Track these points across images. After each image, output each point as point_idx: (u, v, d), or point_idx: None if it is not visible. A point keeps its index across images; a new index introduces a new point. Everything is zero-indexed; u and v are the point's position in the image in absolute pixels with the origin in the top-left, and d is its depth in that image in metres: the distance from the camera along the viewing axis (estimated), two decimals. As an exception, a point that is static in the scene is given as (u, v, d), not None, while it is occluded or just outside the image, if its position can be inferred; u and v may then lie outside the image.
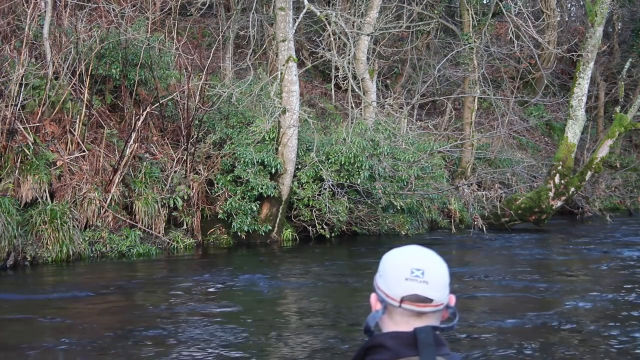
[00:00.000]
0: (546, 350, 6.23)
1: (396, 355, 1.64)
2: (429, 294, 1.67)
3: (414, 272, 1.68)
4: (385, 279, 1.72)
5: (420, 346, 1.63)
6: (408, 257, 1.72)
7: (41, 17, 12.06)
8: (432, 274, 1.69)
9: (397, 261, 1.72)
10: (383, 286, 1.72)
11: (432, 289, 1.67)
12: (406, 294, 1.67)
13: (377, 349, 1.67)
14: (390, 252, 1.77)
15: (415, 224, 14.47)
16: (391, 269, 1.72)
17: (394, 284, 1.69)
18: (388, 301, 1.70)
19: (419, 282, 1.67)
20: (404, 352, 1.64)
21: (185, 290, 8.90)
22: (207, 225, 12.53)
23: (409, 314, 1.68)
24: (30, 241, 10.21)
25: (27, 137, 10.79)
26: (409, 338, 1.65)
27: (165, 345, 6.35)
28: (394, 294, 1.69)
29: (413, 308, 1.67)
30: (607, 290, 9.11)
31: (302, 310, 8.08)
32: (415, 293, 1.66)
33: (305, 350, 6.28)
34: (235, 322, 7.21)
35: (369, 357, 1.68)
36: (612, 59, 24.05)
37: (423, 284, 1.67)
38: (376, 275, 1.77)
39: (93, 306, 8.17)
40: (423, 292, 1.67)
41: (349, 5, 16.85)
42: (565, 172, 15.25)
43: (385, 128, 13.96)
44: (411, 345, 1.64)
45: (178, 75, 13.51)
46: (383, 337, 1.68)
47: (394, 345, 1.65)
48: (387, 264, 1.74)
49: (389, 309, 1.71)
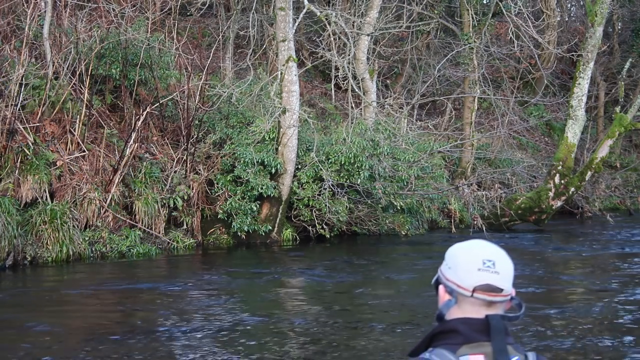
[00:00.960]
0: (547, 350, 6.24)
1: (468, 339, 1.70)
2: (500, 284, 1.73)
3: (486, 262, 1.74)
4: (455, 270, 1.77)
5: (493, 332, 1.70)
6: (478, 249, 1.78)
7: (41, 17, 12.06)
8: (502, 265, 1.75)
9: (468, 253, 1.78)
10: (453, 277, 1.77)
11: (502, 279, 1.74)
12: (479, 283, 1.73)
13: (449, 334, 1.73)
14: (457, 245, 1.83)
15: (415, 224, 14.47)
16: (462, 261, 1.77)
17: (466, 274, 1.75)
18: (459, 291, 1.76)
19: (490, 272, 1.73)
20: (475, 337, 1.70)
21: (185, 290, 8.90)
22: (207, 225, 12.53)
23: (479, 304, 1.74)
24: (30, 241, 10.21)
25: (27, 137, 10.79)
26: (480, 324, 1.72)
27: (165, 345, 6.35)
28: (466, 284, 1.74)
29: (485, 297, 1.73)
30: (609, 290, 9.11)
31: (302, 310, 8.08)
32: (488, 283, 1.73)
33: (305, 351, 6.28)
34: (236, 322, 7.21)
35: (440, 342, 1.73)
36: (612, 59, 24.05)
37: (495, 274, 1.73)
38: (443, 267, 1.83)
39: (93, 306, 8.17)
40: (495, 282, 1.73)
41: (349, 5, 16.85)
42: (565, 172, 15.25)
43: (385, 128, 13.96)
44: (482, 332, 1.71)
45: (178, 75, 13.51)
46: (454, 322, 1.74)
47: (465, 330, 1.71)
48: (458, 256, 1.80)
49: (459, 299, 1.77)
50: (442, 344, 1.72)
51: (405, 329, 6.99)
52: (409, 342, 6.52)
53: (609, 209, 18.92)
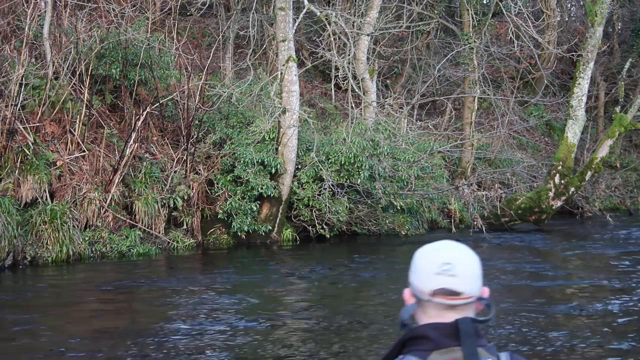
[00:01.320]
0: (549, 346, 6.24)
1: (438, 345, 1.68)
2: (458, 287, 1.71)
3: (443, 266, 1.73)
4: (417, 274, 1.78)
5: (462, 336, 1.68)
6: (438, 251, 1.77)
7: (41, 17, 12.06)
8: (461, 267, 1.73)
9: (428, 256, 1.77)
10: (415, 281, 1.78)
11: (461, 282, 1.72)
12: (436, 287, 1.72)
13: (419, 340, 1.71)
14: (421, 248, 1.83)
15: (415, 224, 14.47)
16: (422, 264, 1.77)
17: (425, 278, 1.74)
18: (420, 296, 1.75)
19: (447, 275, 1.72)
20: (445, 343, 1.68)
21: (185, 290, 8.89)
22: (207, 225, 12.53)
23: (441, 307, 1.73)
24: (30, 241, 10.21)
25: (27, 137, 10.79)
26: (449, 329, 1.70)
27: (165, 344, 6.35)
28: (425, 288, 1.74)
29: (443, 301, 1.72)
30: (608, 290, 9.11)
31: (302, 310, 8.08)
32: (444, 287, 1.71)
33: (305, 351, 6.28)
34: (235, 322, 7.21)
35: (410, 348, 1.72)
36: (612, 59, 24.06)
37: (452, 277, 1.72)
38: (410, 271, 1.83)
39: (93, 306, 8.17)
40: (452, 286, 1.71)
41: (349, 5, 16.85)
42: (565, 172, 15.25)
43: (385, 128, 13.96)
44: (452, 336, 1.69)
45: (178, 75, 13.51)
46: (424, 328, 1.72)
47: (435, 335, 1.70)
48: (418, 259, 1.80)
49: (422, 303, 1.76)
50: (412, 350, 1.71)
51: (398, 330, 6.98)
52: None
53: (609, 209, 18.92)
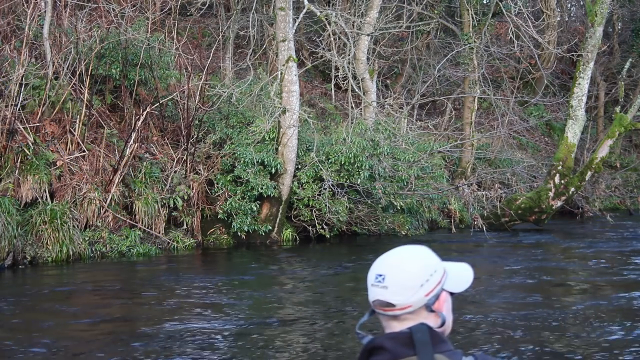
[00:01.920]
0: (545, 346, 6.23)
1: (395, 355, 1.64)
2: (390, 299, 1.68)
3: (377, 277, 1.71)
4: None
5: (418, 345, 1.63)
6: (376, 262, 1.76)
7: (41, 17, 12.06)
8: (393, 278, 1.69)
9: (372, 267, 1.76)
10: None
11: (391, 293, 1.68)
12: (372, 299, 1.72)
13: (377, 351, 1.67)
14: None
15: (415, 224, 14.47)
16: (367, 276, 1.76)
17: (368, 289, 1.74)
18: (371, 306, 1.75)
19: (380, 287, 1.70)
20: (402, 352, 1.64)
21: (185, 290, 8.89)
22: (207, 225, 12.53)
23: (385, 318, 1.72)
24: (30, 241, 10.21)
25: (27, 137, 10.79)
26: (406, 338, 1.65)
27: (165, 344, 6.35)
28: (369, 299, 1.74)
29: (381, 312, 1.71)
30: (608, 289, 9.11)
31: (302, 310, 8.07)
32: (378, 298, 1.70)
33: (304, 350, 6.28)
34: (235, 322, 7.21)
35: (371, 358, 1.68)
36: (612, 59, 24.06)
37: (383, 289, 1.69)
38: None
39: (93, 306, 8.16)
40: (383, 297, 1.69)
41: (349, 5, 16.85)
42: (565, 172, 15.25)
43: (385, 128, 13.96)
44: (408, 345, 1.65)
45: (178, 75, 13.51)
46: (382, 339, 1.68)
47: (392, 345, 1.65)
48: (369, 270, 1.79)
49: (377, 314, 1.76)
50: None
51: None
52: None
53: (609, 209, 18.93)
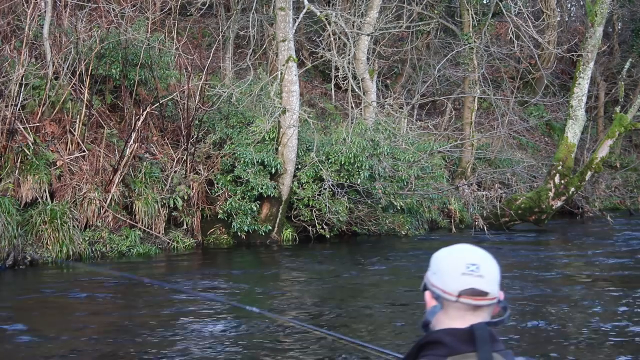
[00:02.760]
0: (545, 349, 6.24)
1: (453, 351, 1.69)
2: (485, 287, 1.73)
3: (470, 266, 1.74)
4: (440, 275, 1.77)
5: (478, 343, 1.68)
6: (462, 253, 1.78)
7: (41, 17, 12.05)
8: (487, 268, 1.75)
9: (452, 257, 1.77)
10: (438, 283, 1.77)
11: (487, 282, 1.73)
12: (463, 288, 1.72)
13: (434, 345, 1.71)
14: (442, 250, 1.82)
15: (415, 224, 14.47)
16: (446, 265, 1.77)
17: (451, 279, 1.74)
18: (444, 296, 1.75)
19: (474, 276, 1.73)
20: (461, 349, 1.69)
21: (184, 290, 8.89)
22: (207, 225, 12.53)
23: (465, 308, 1.74)
24: (30, 241, 10.21)
25: (27, 137, 10.79)
26: (465, 334, 1.70)
27: (166, 345, 6.35)
28: (451, 289, 1.74)
29: (470, 302, 1.72)
30: (607, 290, 9.11)
31: (302, 309, 8.08)
32: (472, 287, 1.72)
33: (304, 350, 6.28)
34: (235, 322, 7.22)
35: (425, 352, 1.72)
36: (612, 59, 24.04)
37: (479, 277, 1.73)
38: (428, 273, 1.82)
39: (92, 306, 8.17)
40: (479, 286, 1.72)
41: (349, 5, 16.85)
42: (565, 172, 15.25)
43: (385, 128, 13.96)
44: (468, 342, 1.69)
45: (178, 75, 13.51)
46: (439, 334, 1.72)
47: (450, 341, 1.69)
48: (442, 261, 1.79)
49: (445, 304, 1.76)
50: (427, 355, 1.71)
51: (405, 329, 6.99)
52: (408, 343, 6.53)
53: (609, 209, 18.93)
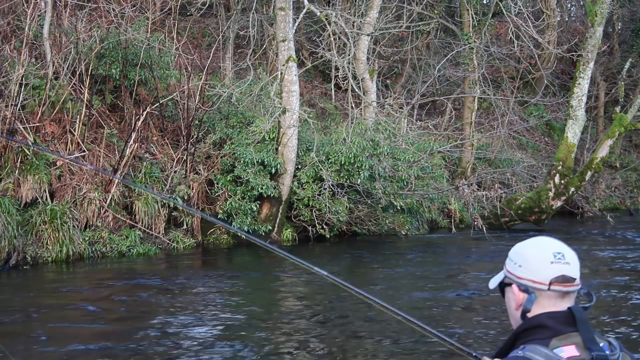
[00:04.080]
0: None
1: (557, 332, 1.76)
2: (573, 274, 1.81)
3: (557, 255, 1.81)
4: (527, 267, 1.84)
5: (579, 323, 1.76)
6: (546, 243, 1.85)
7: (41, 17, 12.05)
8: (571, 255, 1.83)
9: (537, 248, 1.85)
10: (526, 274, 1.83)
11: (574, 269, 1.82)
12: (554, 275, 1.79)
13: (535, 329, 1.78)
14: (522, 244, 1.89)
15: (415, 224, 14.47)
16: (533, 257, 1.83)
17: (540, 269, 1.81)
18: (535, 286, 1.82)
19: (562, 263, 1.80)
20: (563, 329, 1.76)
21: (185, 290, 8.90)
22: (207, 225, 12.53)
23: (555, 296, 1.80)
24: (30, 241, 10.20)
25: (27, 137, 10.79)
26: (564, 316, 1.78)
27: (166, 345, 6.35)
28: (541, 278, 1.81)
29: (561, 289, 1.80)
30: (607, 289, 9.11)
31: (302, 309, 8.08)
32: (563, 274, 1.79)
33: (304, 351, 6.28)
34: (235, 322, 7.22)
35: (528, 338, 1.78)
36: (612, 59, 24.04)
37: (567, 265, 1.80)
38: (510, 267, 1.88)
39: (93, 306, 8.16)
40: (568, 273, 1.80)
41: (349, 5, 16.85)
42: (565, 172, 15.25)
43: (385, 128, 13.96)
44: (568, 323, 1.77)
45: (178, 75, 13.51)
46: (540, 318, 1.80)
47: (552, 323, 1.77)
48: (527, 253, 1.85)
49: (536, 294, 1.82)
50: (531, 340, 1.77)
51: (404, 329, 6.98)
52: (408, 342, 6.52)
53: (609, 209, 18.93)
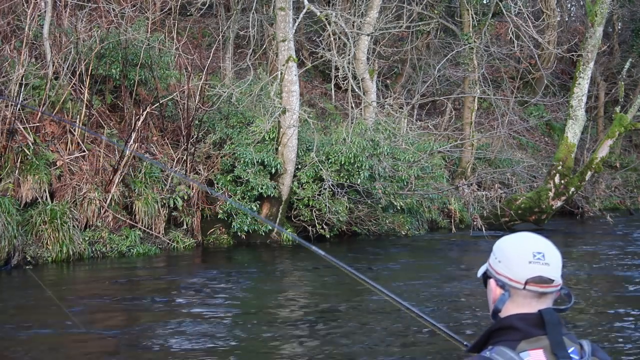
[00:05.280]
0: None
1: (526, 335, 1.75)
2: (551, 275, 1.78)
3: (536, 255, 1.79)
4: (506, 263, 1.82)
5: (548, 326, 1.75)
6: (527, 242, 1.83)
7: (41, 17, 12.05)
8: (552, 256, 1.81)
9: (518, 246, 1.82)
10: (504, 271, 1.82)
11: (553, 270, 1.79)
12: (530, 276, 1.77)
13: (506, 331, 1.77)
14: (505, 238, 1.87)
15: (415, 224, 14.47)
16: (513, 254, 1.81)
17: (518, 267, 1.79)
18: (511, 284, 1.80)
19: (541, 264, 1.78)
20: (533, 332, 1.75)
21: (184, 290, 8.90)
22: (207, 225, 12.53)
23: (531, 296, 1.79)
24: (30, 241, 10.20)
25: (27, 137, 10.79)
26: (535, 319, 1.76)
27: (166, 345, 6.35)
28: (518, 277, 1.79)
29: (537, 289, 1.78)
30: (607, 289, 9.11)
31: (302, 309, 8.08)
32: (539, 274, 1.77)
33: (303, 351, 6.28)
34: (235, 322, 7.22)
35: (499, 338, 1.77)
36: (612, 59, 24.05)
37: (545, 265, 1.78)
38: (492, 261, 1.87)
39: (93, 306, 8.17)
40: (546, 274, 1.78)
41: (349, 5, 16.85)
42: (565, 172, 15.25)
43: (385, 128, 13.96)
44: (538, 326, 1.76)
45: (178, 75, 13.51)
46: (511, 319, 1.78)
47: (522, 325, 1.76)
48: (507, 249, 1.83)
49: (512, 292, 1.81)
50: (501, 340, 1.76)
51: (404, 329, 6.99)
52: (408, 342, 6.53)
53: (609, 209, 18.93)
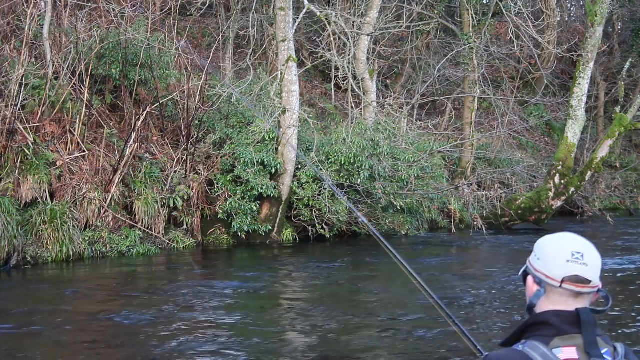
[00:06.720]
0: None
1: (560, 332, 1.76)
2: (588, 275, 1.79)
3: (575, 254, 1.80)
4: (545, 261, 1.84)
5: (584, 325, 1.76)
6: (567, 241, 1.84)
7: (41, 17, 12.05)
8: (591, 257, 1.81)
9: (557, 245, 1.84)
10: (542, 268, 1.84)
11: (590, 271, 1.79)
12: (567, 274, 1.79)
13: (541, 326, 1.79)
14: (546, 237, 1.88)
15: (415, 224, 14.47)
16: (551, 252, 1.83)
17: (555, 265, 1.81)
18: (548, 282, 1.82)
19: (579, 264, 1.79)
20: (567, 330, 1.76)
21: (184, 290, 8.89)
22: (207, 225, 12.53)
23: (567, 294, 1.80)
24: (30, 241, 10.20)
25: (27, 137, 10.79)
26: (571, 317, 1.78)
27: (166, 345, 6.35)
28: (554, 275, 1.80)
29: (573, 288, 1.79)
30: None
31: (302, 309, 8.08)
32: (576, 274, 1.78)
33: (303, 350, 6.28)
34: (235, 322, 7.21)
35: (533, 333, 1.79)
36: (612, 59, 24.05)
37: (583, 265, 1.79)
38: (532, 258, 1.88)
39: (93, 306, 8.17)
40: (583, 274, 1.78)
41: (349, 5, 16.85)
42: (565, 172, 15.25)
43: (385, 128, 13.96)
44: (573, 324, 1.77)
45: (178, 75, 13.51)
46: (546, 315, 1.80)
47: (557, 322, 1.77)
48: (546, 247, 1.85)
49: (548, 290, 1.82)
50: (534, 335, 1.78)
51: (404, 329, 6.99)
52: (408, 342, 6.53)
53: (609, 209, 18.93)
